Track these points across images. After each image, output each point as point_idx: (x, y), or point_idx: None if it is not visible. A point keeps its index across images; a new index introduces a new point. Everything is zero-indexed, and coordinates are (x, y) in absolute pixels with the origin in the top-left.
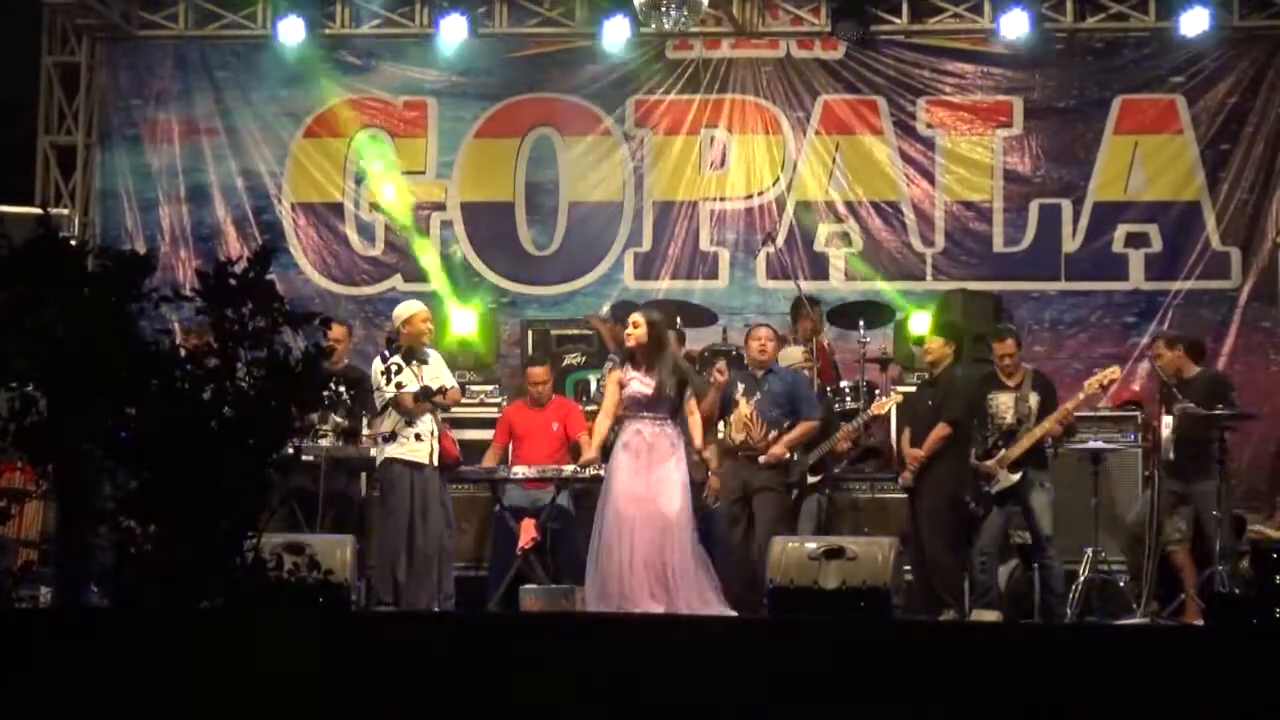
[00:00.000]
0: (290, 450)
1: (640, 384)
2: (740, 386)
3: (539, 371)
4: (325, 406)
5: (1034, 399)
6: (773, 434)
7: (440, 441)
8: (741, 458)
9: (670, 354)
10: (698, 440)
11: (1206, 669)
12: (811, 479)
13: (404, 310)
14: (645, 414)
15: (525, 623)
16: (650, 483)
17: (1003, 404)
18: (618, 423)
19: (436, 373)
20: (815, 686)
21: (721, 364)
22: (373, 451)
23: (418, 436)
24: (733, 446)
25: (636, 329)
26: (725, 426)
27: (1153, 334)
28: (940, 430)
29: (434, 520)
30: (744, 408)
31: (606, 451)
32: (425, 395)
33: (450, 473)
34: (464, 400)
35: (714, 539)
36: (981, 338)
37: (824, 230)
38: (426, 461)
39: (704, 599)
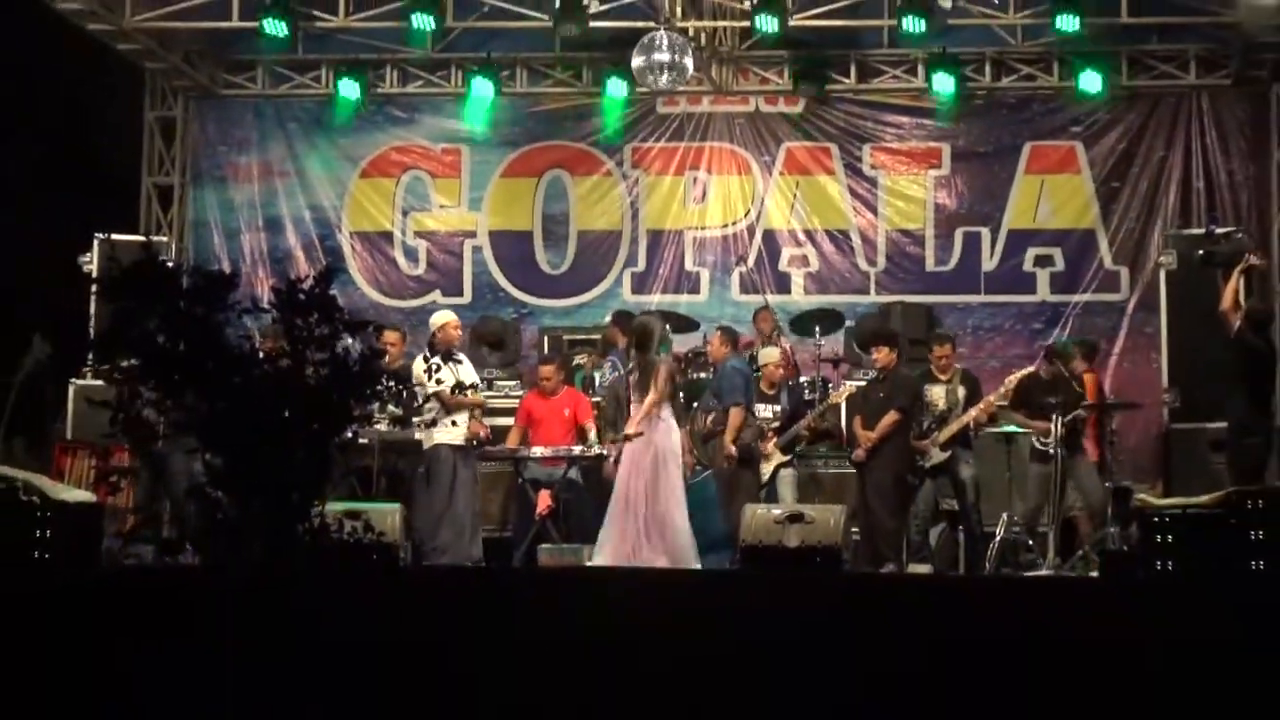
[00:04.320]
0: (349, 434)
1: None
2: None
3: (547, 369)
4: (380, 399)
5: (962, 391)
6: (711, 419)
7: (470, 425)
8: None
9: (650, 356)
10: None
11: (1100, 613)
12: (783, 457)
13: (438, 318)
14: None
15: (542, 576)
16: (637, 456)
17: (936, 394)
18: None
19: (467, 372)
20: (779, 627)
21: None
22: (417, 435)
23: (454, 423)
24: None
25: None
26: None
27: (1058, 334)
28: (891, 417)
29: (469, 490)
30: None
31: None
32: (459, 389)
33: (479, 450)
34: (491, 392)
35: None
36: (917, 341)
37: (787, 253)
38: (464, 443)
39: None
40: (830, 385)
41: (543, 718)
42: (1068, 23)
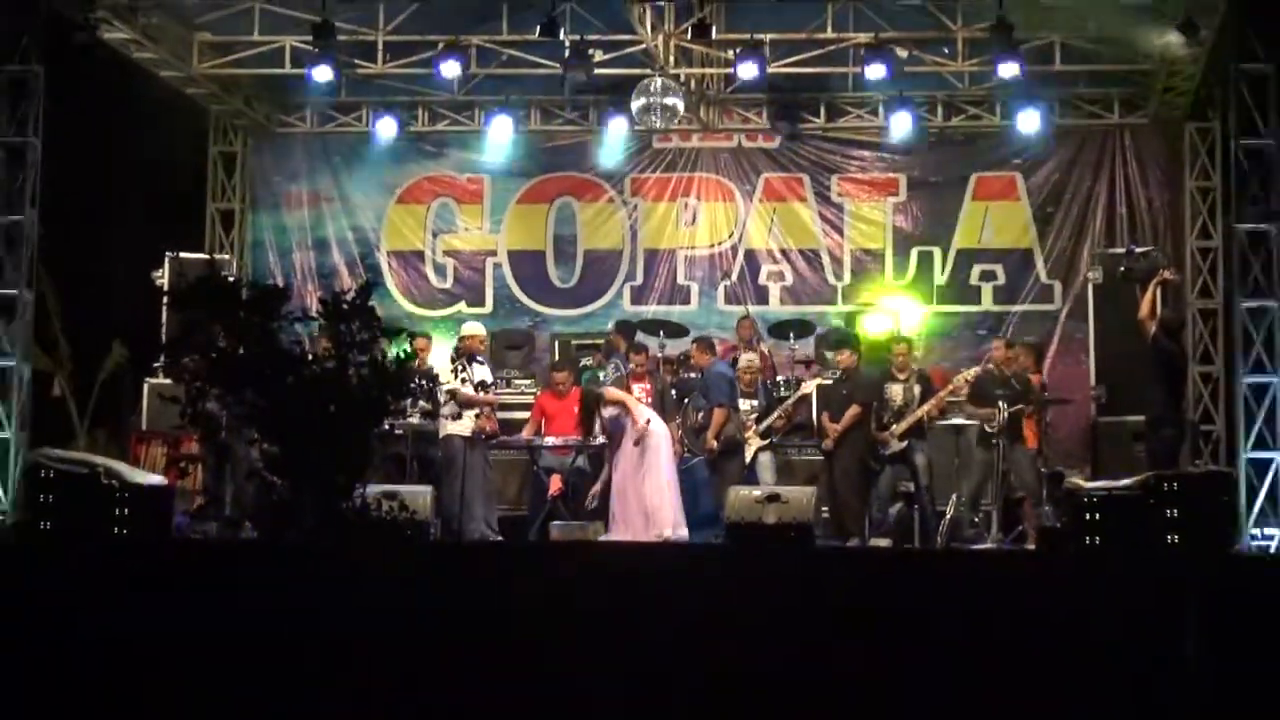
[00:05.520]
0: (386, 426)
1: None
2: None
3: (561, 375)
4: (412, 396)
5: (917, 388)
6: (701, 415)
7: (477, 420)
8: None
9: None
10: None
11: (1037, 580)
12: (761, 442)
13: (467, 329)
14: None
15: (554, 549)
16: (628, 451)
17: (895, 391)
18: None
19: (483, 374)
20: (759, 593)
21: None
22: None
23: (476, 416)
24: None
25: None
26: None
27: (999, 339)
28: (854, 411)
29: (481, 473)
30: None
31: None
32: (482, 388)
33: (492, 441)
34: (509, 389)
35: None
36: (877, 345)
37: (765, 269)
38: (471, 434)
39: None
40: (802, 381)
41: (555, 672)
42: (1008, 70)
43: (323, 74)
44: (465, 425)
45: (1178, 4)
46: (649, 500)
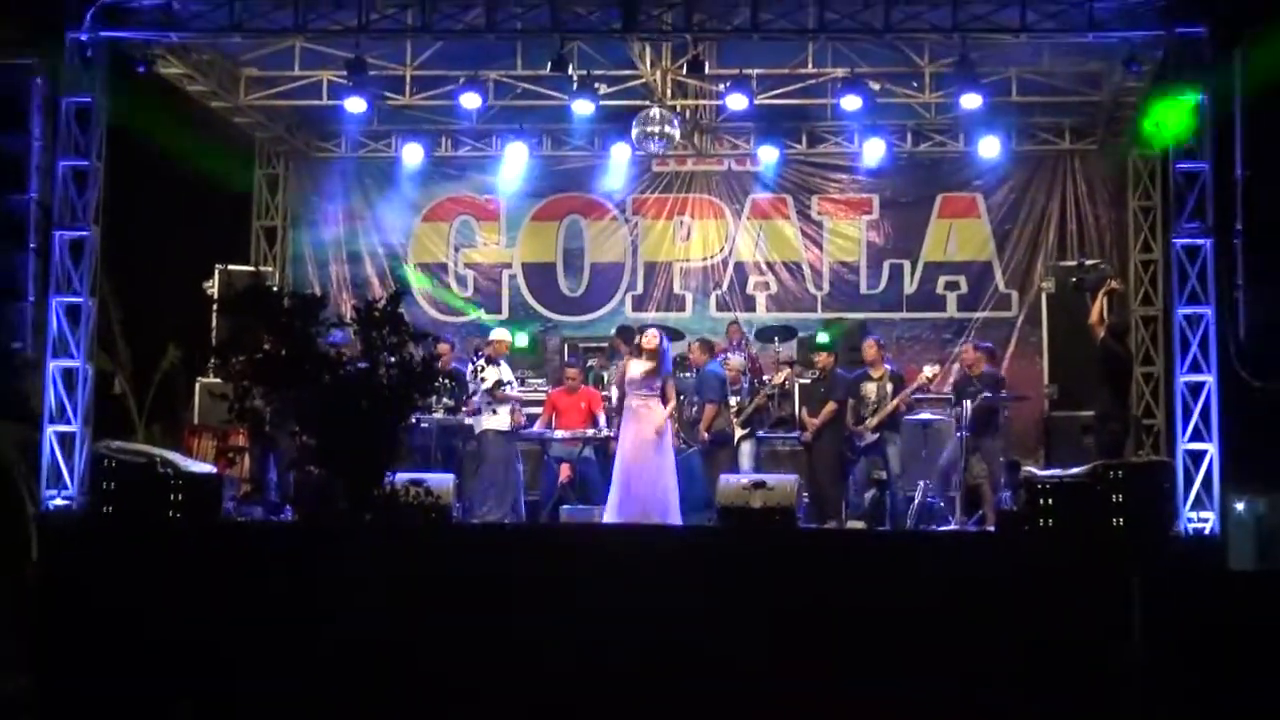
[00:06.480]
0: (413, 420)
1: (639, 369)
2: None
3: (572, 371)
4: (436, 393)
5: (889, 386)
6: (695, 410)
7: (512, 415)
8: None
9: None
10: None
11: (997, 558)
12: (742, 431)
13: (495, 334)
14: (637, 391)
15: (564, 530)
16: (636, 435)
17: (869, 389)
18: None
19: (506, 373)
20: (748, 568)
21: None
22: (468, 421)
23: (494, 412)
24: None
25: (652, 340)
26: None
27: (963, 343)
28: (829, 408)
29: (512, 464)
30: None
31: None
32: (497, 387)
33: (518, 434)
34: (524, 388)
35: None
36: (854, 348)
37: (752, 280)
38: (507, 428)
39: (666, 511)
40: (785, 375)
41: (564, 635)
42: (970, 101)
43: (356, 105)
44: (504, 420)
45: (1122, 42)
46: (668, 489)
